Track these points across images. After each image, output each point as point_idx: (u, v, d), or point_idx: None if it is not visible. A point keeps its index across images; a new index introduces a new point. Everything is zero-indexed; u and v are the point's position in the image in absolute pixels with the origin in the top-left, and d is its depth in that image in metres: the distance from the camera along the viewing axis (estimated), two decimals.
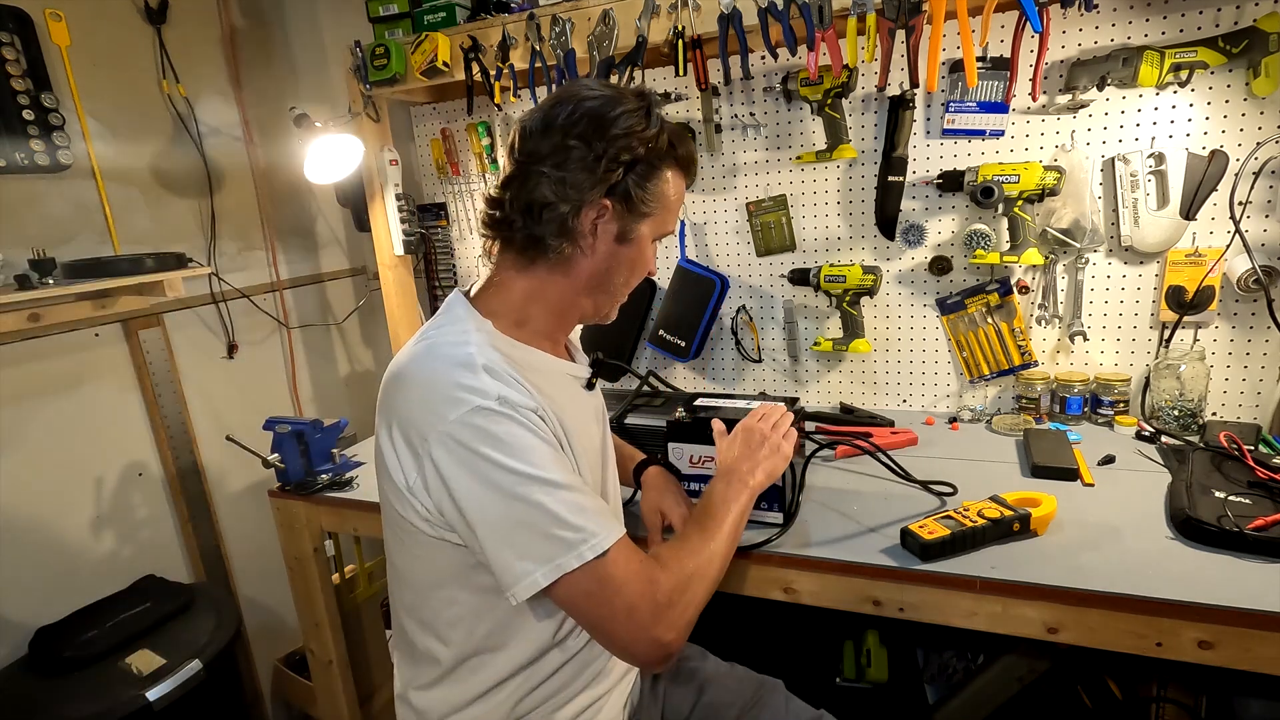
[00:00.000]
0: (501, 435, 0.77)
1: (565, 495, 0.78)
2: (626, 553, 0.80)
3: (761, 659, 1.23)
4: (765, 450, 1.02)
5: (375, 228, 1.98)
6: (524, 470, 0.77)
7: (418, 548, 0.87)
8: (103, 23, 1.68)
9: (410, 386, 0.83)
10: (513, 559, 0.78)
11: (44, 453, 1.58)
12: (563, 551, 0.77)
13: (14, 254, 1.48)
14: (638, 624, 0.78)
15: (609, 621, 0.79)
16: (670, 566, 0.83)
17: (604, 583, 0.78)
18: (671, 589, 0.80)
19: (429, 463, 0.79)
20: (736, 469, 0.99)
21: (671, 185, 0.91)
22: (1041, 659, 1.41)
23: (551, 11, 1.56)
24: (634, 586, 0.78)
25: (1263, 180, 1.37)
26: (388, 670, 1.99)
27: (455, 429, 0.77)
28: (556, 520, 0.77)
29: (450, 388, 0.79)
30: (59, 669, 1.43)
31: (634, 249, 0.91)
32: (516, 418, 0.79)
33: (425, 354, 0.86)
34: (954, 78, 1.53)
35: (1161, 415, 1.48)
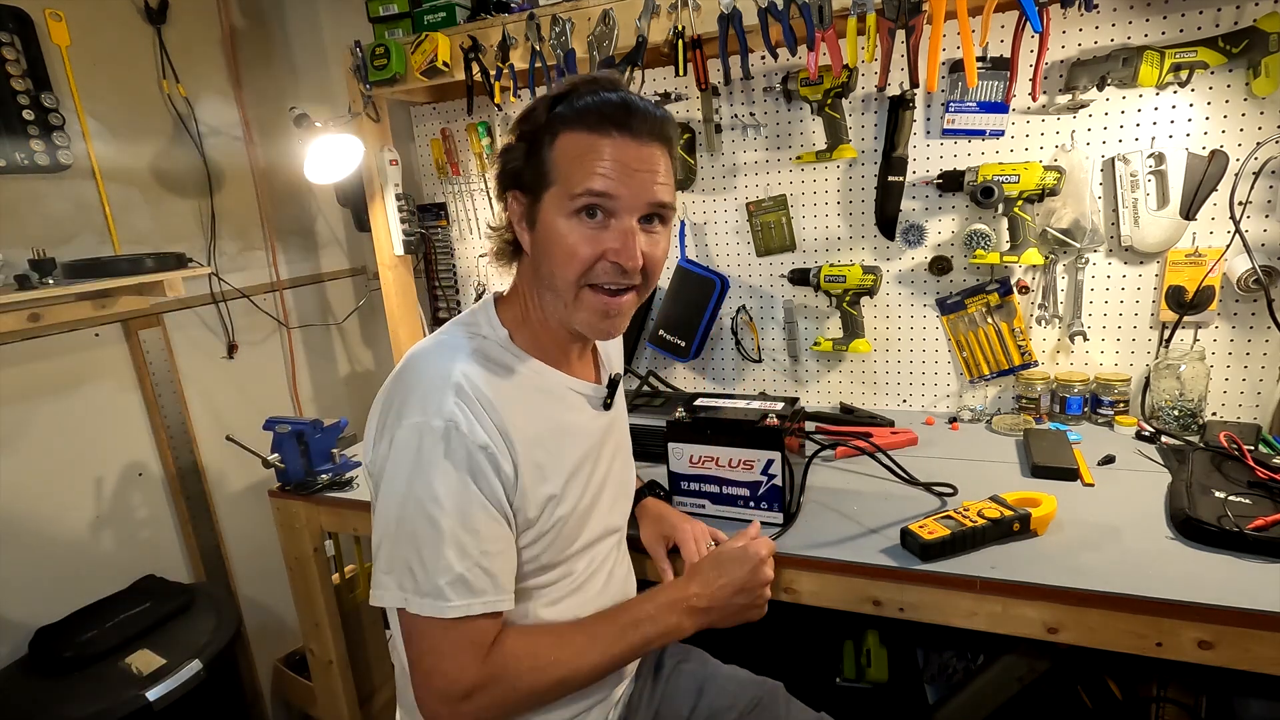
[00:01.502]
0: (427, 460, 0.79)
1: (444, 548, 0.78)
2: (462, 631, 0.79)
3: (761, 659, 1.23)
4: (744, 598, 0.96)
5: (375, 228, 1.98)
6: (426, 505, 0.78)
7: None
8: (103, 23, 1.68)
9: (403, 374, 0.87)
10: (381, 568, 0.82)
11: (44, 453, 1.58)
12: (410, 590, 0.79)
13: (14, 254, 1.48)
14: (429, 691, 0.81)
15: (412, 668, 0.82)
16: (499, 666, 0.81)
17: (425, 638, 0.80)
18: (476, 687, 0.80)
19: (383, 446, 0.83)
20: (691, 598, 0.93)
21: (572, 148, 0.81)
22: (1041, 659, 1.41)
23: (551, 11, 1.56)
24: (442, 663, 0.80)
25: (1263, 180, 1.37)
26: (387, 670, 2.00)
27: (403, 432, 0.80)
28: (423, 564, 0.79)
29: (418, 394, 0.82)
30: (59, 669, 1.43)
31: (543, 228, 0.84)
32: (454, 450, 0.79)
33: (426, 351, 0.88)
34: (954, 78, 1.53)
35: (1161, 415, 1.48)
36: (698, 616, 0.93)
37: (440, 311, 2.21)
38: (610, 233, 0.82)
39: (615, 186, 0.81)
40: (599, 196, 0.81)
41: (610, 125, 0.81)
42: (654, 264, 0.86)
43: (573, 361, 0.97)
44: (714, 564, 0.98)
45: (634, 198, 0.82)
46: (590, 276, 0.84)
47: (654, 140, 0.83)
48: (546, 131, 0.83)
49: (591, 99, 0.82)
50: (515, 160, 0.87)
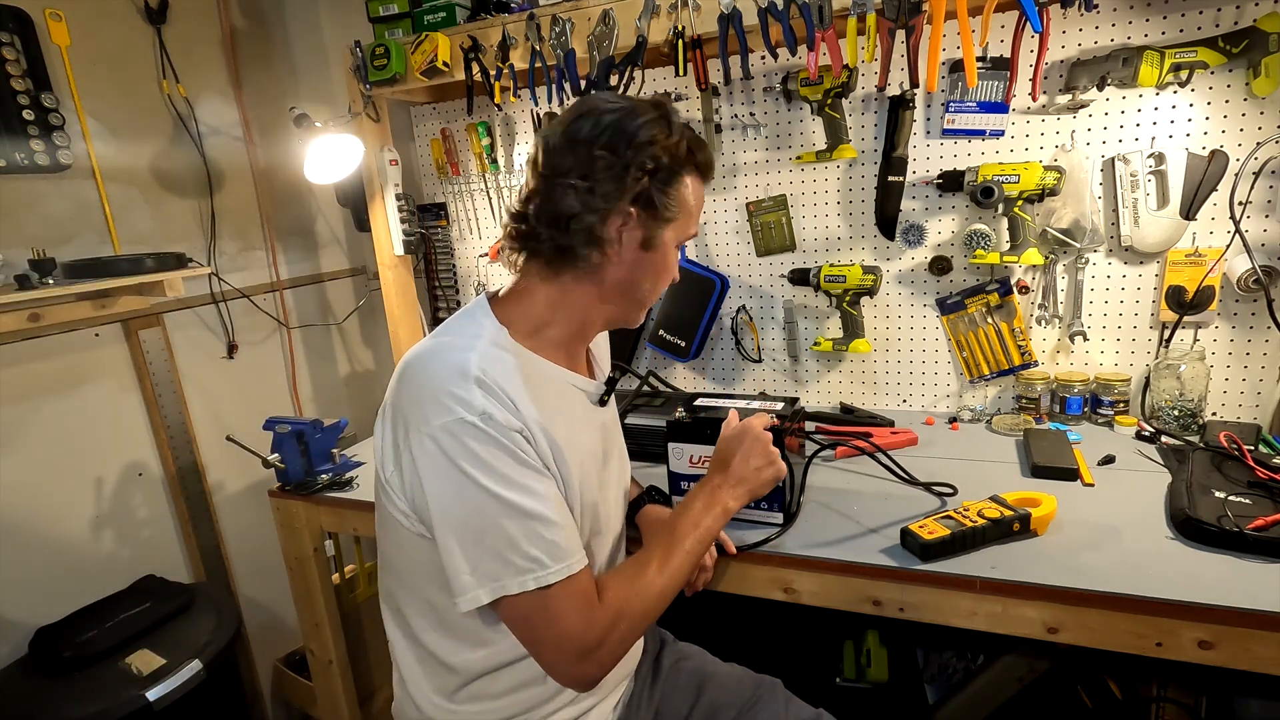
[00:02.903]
0: (478, 451, 0.79)
1: (527, 521, 0.80)
2: (572, 588, 0.82)
3: (761, 659, 1.23)
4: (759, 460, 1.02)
5: (375, 228, 1.98)
6: (492, 489, 0.79)
7: (399, 538, 0.90)
8: (103, 23, 1.68)
9: (409, 380, 0.86)
10: (463, 570, 0.81)
11: (44, 453, 1.58)
12: (509, 574, 0.80)
13: (14, 254, 1.48)
14: (565, 656, 0.83)
15: (538, 645, 0.84)
16: (612, 603, 0.85)
17: (541, 611, 0.81)
18: (606, 629, 0.83)
19: (407, 457, 0.83)
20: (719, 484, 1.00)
21: (691, 190, 0.92)
22: (1041, 659, 1.41)
23: (551, 11, 1.56)
24: (569, 622, 0.81)
25: (1263, 180, 1.37)
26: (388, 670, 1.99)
27: (436, 434, 0.80)
28: (511, 544, 0.80)
29: (440, 393, 0.81)
30: (59, 669, 1.43)
31: (658, 255, 0.92)
32: (496, 436, 0.80)
33: (430, 352, 0.88)
34: (954, 78, 1.53)
35: (1161, 415, 1.48)
36: (736, 489, 1.01)
37: (440, 311, 2.21)
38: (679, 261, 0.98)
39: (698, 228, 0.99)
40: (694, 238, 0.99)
41: (709, 174, 0.95)
42: None
43: (572, 362, 0.98)
44: (720, 453, 1.05)
45: None
46: None
47: None
48: (682, 169, 0.90)
49: (701, 145, 0.92)
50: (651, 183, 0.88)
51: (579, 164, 0.86)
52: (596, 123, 0.87)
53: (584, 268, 0.90)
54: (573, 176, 0.86)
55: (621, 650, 0.86)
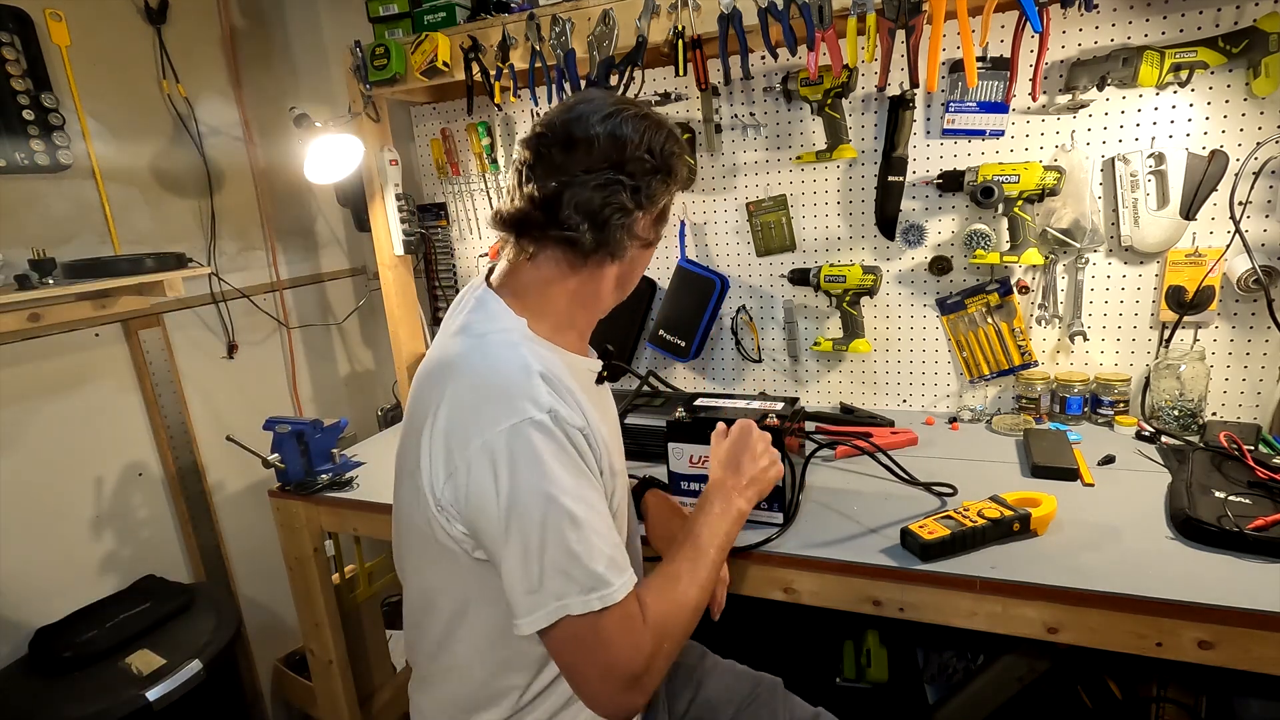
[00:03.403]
0: (546, 456, 0.75)
1: (591, 536, 0.76)
2: (626, 609, 0.77)
3: (761, 659, 1.23)
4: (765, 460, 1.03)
5: (375, 228, 1.98)
6: (559, 500, 0.75)
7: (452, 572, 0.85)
8: (103, 23, 1.68)
9: (463, 381, 0.81)
10: (523, 588, 0.76)
11: (44, 453, 1.58)
12: (573, 593, 0.75)
13: (14, 254, 1.48)
14: (611, 684, 0.78)
15: (582, 672, 0.79)
16: (655, 622, 0.80)
17: (594, 635, 0.76)
18: (652, 652, 0.79)
19: (464, 471, 0.77)
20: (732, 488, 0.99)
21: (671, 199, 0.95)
22: (1041, 659, 1.41)
23: (551, 11, 1.56)
24: (620, 650, 0.77)
25: (1263, 180, 1.37)
26: (388, 670, 2.00)
27: (504, 439, 0.75)
28: (573, 559, 0.75)
29: (506, 391, 0.78)
30: (59, 669, 1.43)
31: (647, 252, 0.95)
32: (563, 439, 0.77)
33: (476, 352, 0.83)
34: (954, 78, 1.53)
35: (1161, 415, 1.48)
36: (748, 490, 1.00)
37: (440, 311, 2.21)
38: None
39: None
40: None
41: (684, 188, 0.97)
42: None
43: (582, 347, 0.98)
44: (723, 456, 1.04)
45: None
46: None
47: None
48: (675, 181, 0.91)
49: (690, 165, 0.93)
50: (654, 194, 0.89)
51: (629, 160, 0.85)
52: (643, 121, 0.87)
53: (610, 261, 0.89)
54: (622, 172, 0.85)
55: (662, 674, 0.82)
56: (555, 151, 0.86)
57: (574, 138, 0.85)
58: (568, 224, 0.85)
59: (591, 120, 0.86)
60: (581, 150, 0.85)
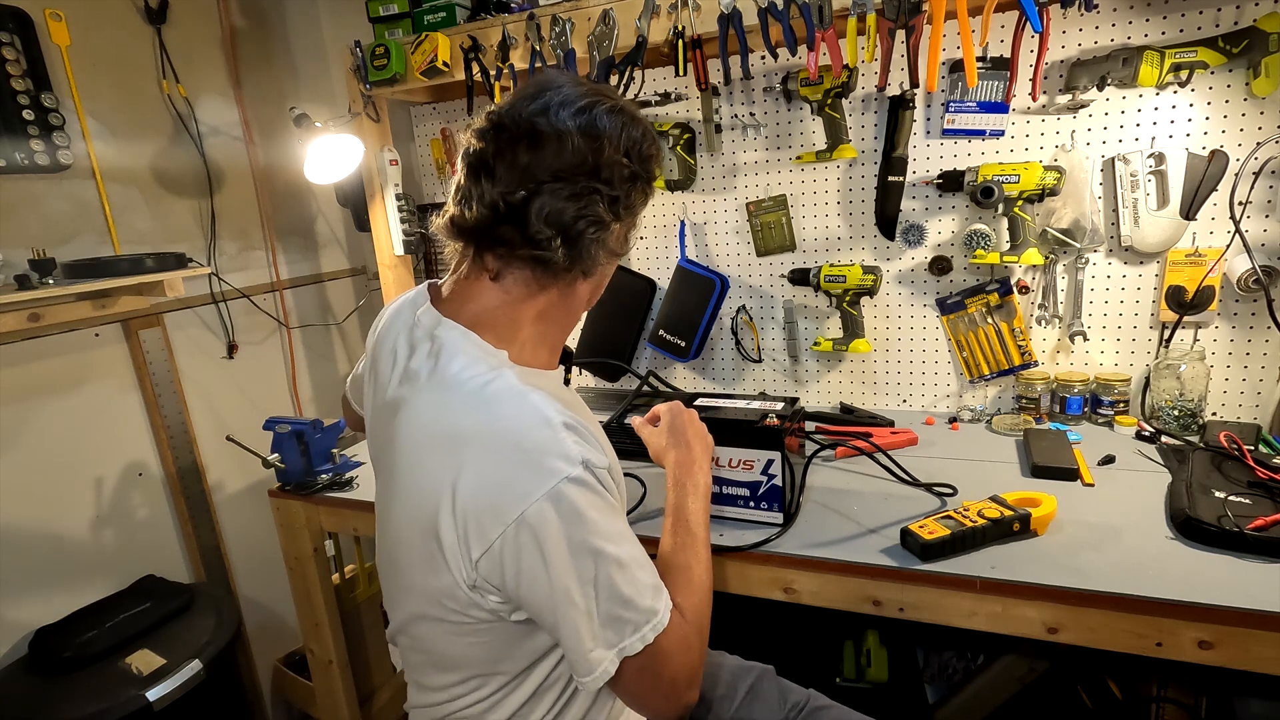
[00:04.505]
0: (585, 511, 0.72)
1: (634, 573, 0.75)
2: (675, 619, 0.78)
3: (762, 658, 1.23)
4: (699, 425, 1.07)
5: (375, 228, 1.98)
6: (604, 551, 0.73)
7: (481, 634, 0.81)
8: (103, 23, 1.68)
9: (483, 450, 0.73)
10: (586, 646, 0.73)
11: (44, 453, 1.58)
12: (628, 634, 0.74)
13: (14, 254, 1.48)
14: (678, 692, 0.79)
15: (650, 695, 0.78)
16: (692, 619, 0.82)
17: (655, 661, 0.76)
18: (699, 648, 0.82)
19: (500, 544, 0.71)
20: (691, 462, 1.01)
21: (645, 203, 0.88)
22: (1041, 659, 1.41)
23: (551, 11, 1.56)
24: (679, 657, 0.78)
25: (1263, 180, 1.37)
26: (388, 670, 2.00)
27: (545, 506, 0.70)
28: (625, 603, 0.74)
29: (534, 453, 0.72)
30: (59, 669, 1.43)
31: (614, 262, 0.89)
32: (597, 486, 0.74)
33: (485, 409, 0.75)
34: (954, 78, 1.53)
35: (1161, 415, 1.48)
36: (704, 460, 1.03)
37: None
38: None
39: None
40: None
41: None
42: None
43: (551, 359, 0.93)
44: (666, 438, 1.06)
45: None
46: None
47: None
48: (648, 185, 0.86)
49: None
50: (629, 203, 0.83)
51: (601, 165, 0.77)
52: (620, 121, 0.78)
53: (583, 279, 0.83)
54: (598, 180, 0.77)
55: (704, 663, 0.84)
56: (520, 150, 0.75)
57: (540, 134, 0.75)
58: (538, 239, 0.77)
59: (562, 114, 0.76)
60: (551, 150, 0.75)
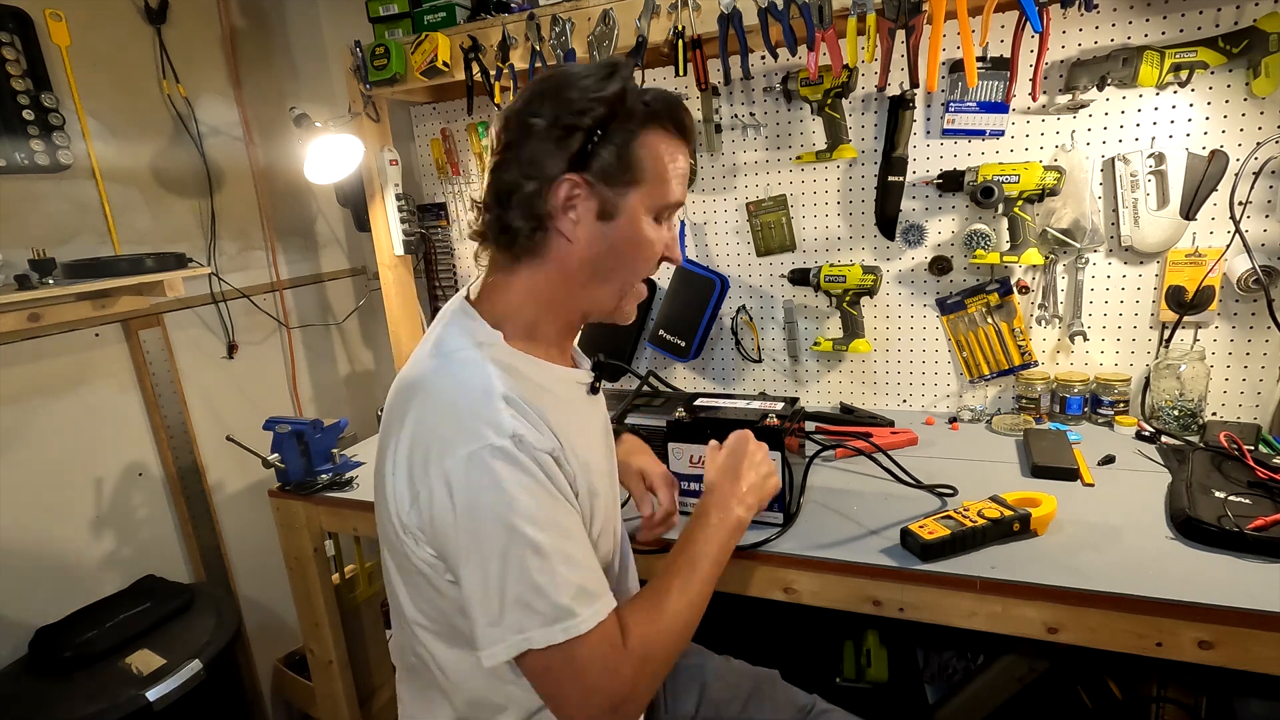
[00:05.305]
0: (507, 482, 0.71)
1: (556, 565, 0.72)
2: (600, 636, 0.73)
3: (762, 659, 1.23)
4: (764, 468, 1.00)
5: (375, 228, 1.98)
6: (520, 529, 0.71)
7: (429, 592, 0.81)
8: (103, 23, 1.68)
9: (425, 404, 0.77)
10: (485, 622, 0.73)
11: (44, 453, 1.58)
12: (534, 625, 0.71)
13: (14, 254, 1.48)
14: (591, 712, 0.74)
15: (560, 701, 0.75)
16: (636, 648, 0.76)
17: (566, 664, 0.73)
18: (633, 678, 0.75)
19: (425, 493, 0.74)
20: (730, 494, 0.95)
21: (660, 149, 0.80)
22: (1041, 659, 1.41)
23: (551, 11, 1.56)
24: (595, 677, 0.73)
25: (1263, 180, 1.37)
26: (388, 670, 2.00)
27: (465, 465, 0.71)
28: (538, 591, 0.71)
29: (465, 415, 0.74)
30: (59, 669, 1.43)
31: (625, 225, 0.81)
32: (526, 464, 0.72)
33: (440, 372, 0.79)
34: (954, 78, 1.53)
35: (1161, 415, 1.48)
36: (748, 498, 0.96)
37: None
38: (669, 235, 0.87)
39: (684, 195, 0.86)
40: (679, 206, 0.86)
41: (686, 134, 0.84)
42: None
43: (563, 355, 0.92)
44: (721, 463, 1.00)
45: (684, 205, 0.89)
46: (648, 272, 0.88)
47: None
48: (632, 122, 0.78)
49: (667, 101, 0.81)
50: (572, 143, 0.77)
51: (518, 132, 0.79)
52: (535, 87, 0.80)
53: (537, 249, 0.81)
54: (513, 149, 0.79)
55: (650, 695, 0.79)
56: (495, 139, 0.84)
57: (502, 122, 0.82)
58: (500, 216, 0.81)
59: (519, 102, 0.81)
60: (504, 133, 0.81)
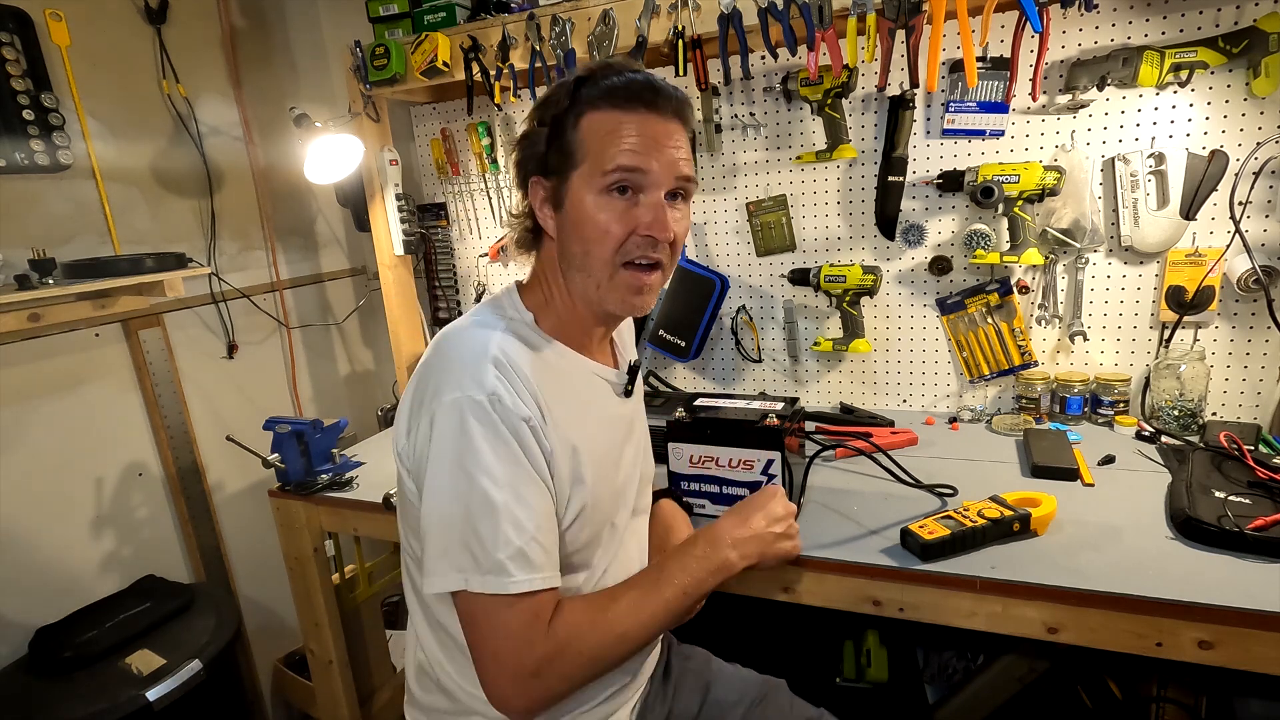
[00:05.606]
0: (476, 435, 0.77)
1: (502, 524, 0.76)
2: (525, 605, 0.77)
3: (762, 659, 1.23)
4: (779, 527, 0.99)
5: (375, 228, 1.98)
6: (477, 479, 0.77)
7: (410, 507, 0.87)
8: (103, 23, 1.68)
9: (434, 354, 0.86)
10: (434, 553, 0.79)
11: (44, 453, 1.58)
12: (470, 569, 0.77)
13: (14, 254, 1.48)
14: (496, 674, 0.78)
15: (476, 653, 0.79)
16: (560, 633, 0.79)
17: (487, 618, 0.77)
18: (545, 658, 0.77)
19: (416, 428, 0.82)
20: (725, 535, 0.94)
21: (599, 125, 0.83)
22: (1041, 659, 1.41)
23: (551, 11, 1.56)
24: (508, 642, 0.77)
25: (1263, 180, 1.37)
26: (388, 670, 2.00)
27: (445, 409, 0.78)
28: (480, 541, 0.76)
29: (457, 369, 0.81)
30: (59, 669, 1.43)
31: (572, 208, 0.85)
32: (496, 424, 0.78)
33: (459, 329, 0.88)
34: (954, 78, 1.53)
35: (1161, 415, 1.48)
36: (743, 548, 0.94)
37: (440, 311, 2.21)
38: (641, 208, 0.84)
39: (645, 161, 0.82)
40: (630, 172, 0.82)
41: (637, 102, 0.83)
42: (678, 240, 0.88)
43: (594, 348, 0.96)
44: (739, 507, 1.01)
45: (662, 172, 0.83)
46: (623, 254, 0.85)
47: (675, 117, 0.85)
48: (571, 113, 0.84)
49: (616, 79, 0.84)
50: (537, 145, 0.87)
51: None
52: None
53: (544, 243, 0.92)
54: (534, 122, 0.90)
55: (561, 688, 0.80)
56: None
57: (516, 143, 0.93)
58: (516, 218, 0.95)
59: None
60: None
